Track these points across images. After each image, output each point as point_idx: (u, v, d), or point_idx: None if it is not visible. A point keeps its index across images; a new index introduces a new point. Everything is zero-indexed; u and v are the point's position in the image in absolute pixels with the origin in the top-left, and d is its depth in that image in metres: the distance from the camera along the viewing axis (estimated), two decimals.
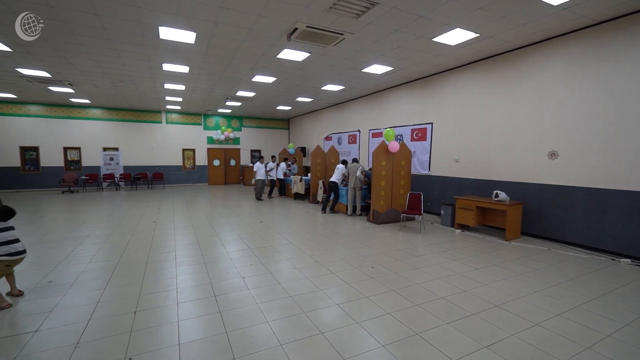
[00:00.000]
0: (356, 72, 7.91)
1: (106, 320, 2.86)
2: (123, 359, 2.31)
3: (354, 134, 11.51)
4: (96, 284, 3.66)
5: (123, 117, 14.04)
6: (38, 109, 12.71)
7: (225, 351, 2.42)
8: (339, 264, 4.39)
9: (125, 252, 4.87)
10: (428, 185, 8.24)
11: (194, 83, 9.26)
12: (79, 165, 13.54)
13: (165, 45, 6.06)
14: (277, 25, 5.14)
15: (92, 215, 7.74)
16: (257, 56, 6.73)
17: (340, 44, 5.91)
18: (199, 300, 3.28)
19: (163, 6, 4.53)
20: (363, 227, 6.70)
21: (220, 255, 4.77)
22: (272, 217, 7.66)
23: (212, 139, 15.80)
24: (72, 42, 5.92)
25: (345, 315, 2.97)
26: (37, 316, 2.91)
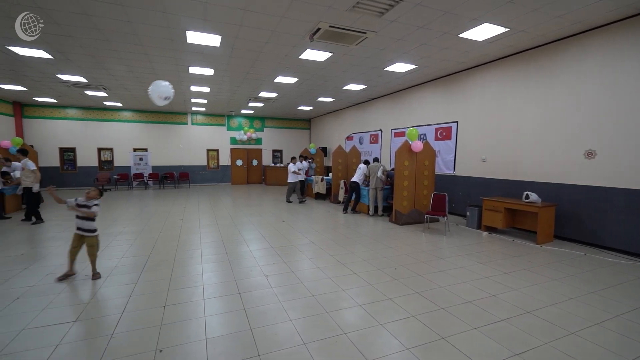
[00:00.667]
0: (378, 71, 7.82)
1: (138, 313, 2.99)
2: (154, 351, 2.41)
3: (375, 134, 11.39)
4: (128, 278, 3.83)
5: (151, 119, 14.66)
6: (75, 112, 13.52)
7: (250, 348, 2.46)
8: (361, 265, 4.36)
9: (155, 248, 5.08)
10: (453, 185, 8.01)
11: (219, 85, 9.50)
12: (112, 165, 14.26)
13: (192, 49, 6.27)
14: (299, 26, 5.18)
15: (123, 213, 8.13)
16: (279, 57, 6.81)
17: (363, 43, 5.86)
18: (224, 296, 3.36)
19: (190, 11, 4.68)
20: (385, 228, 6.61)
21: (244, 253, 4.86)
22: (293, 217, 7.72)
23: (235, 140, 16.16)
24: (107, 48, 6.24)
25: (368, 317, 2.94)
26: (75, 307, 3.10)
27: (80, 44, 6.02)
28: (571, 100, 5.47)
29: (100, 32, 5.43)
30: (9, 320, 2.84)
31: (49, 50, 6.41)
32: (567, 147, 5.54)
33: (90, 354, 2.36)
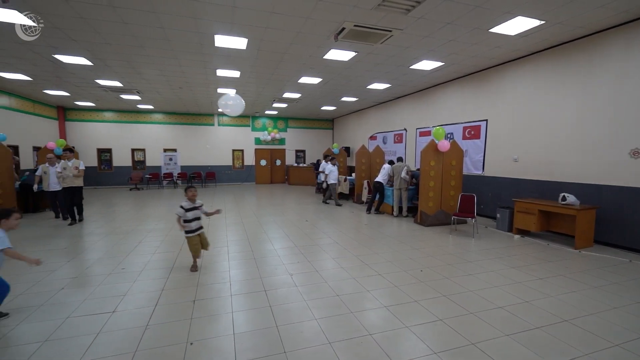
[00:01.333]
0: (403, 69, 7.69)
1: (170, 307, 3.12)
2: (185, 343, 2.50)
3: (400, 133, 11.20)
4: (160, 273, 4.01)
5: (180, 120, 15.25)
6: (111, 115, 14.33)
7: (276, 344, 2.50)
8: (385, 266, 4.30)
9: (184, 245, 5.26)
10: (481, 186, 7.71)
11: (244, 87, 9.72)
12: (144, 165, 14.98)
13: (219, 52, 6.45)
14: (324, 26, 5.19)
15: (154, 211, 8.52)
16: (304, 58, 6.86)
17: (388, 41, 5.78)
18: (250, 293, 3.43)
19: (219, 15, 4.82)
20: (410, 229, 6.49)
21: (268, 251, 4.95)
22: (317, 217, 7.75)
23: (259, 140, 16.46)
24: (141, 53, 6.57)
25: (394, 318, 2.90)
26: (114, 298, 3.28)
27: (117, 51, 6.38)
28: (614, 96, 5.11)
29: (135, 38, 5.72)
30: (56, 309, 3.06)
31: (90, 58, 6.83)
32: (609, 145, 5.18)
33: (127, 343, 2.50)
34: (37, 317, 2.90)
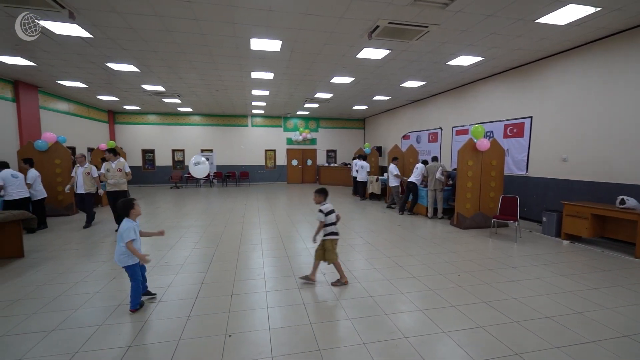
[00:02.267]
0: (440, 66, 7.42)
1: (209, 299, 3.27)
2: (224, 335, 2.61)
3: (434, 132, 10.83)
4: (200, 267, 4.21)
5: (216, 122, 15.91)
6: (154, 118, 15.29)
7: (311, 342, 2.52)
8: (420, 268, 4.18)
9: (221, 241, 5.50)
10: (525, 187, 7.24)
11: (277, 88, 9.92)
12: (183, 164, 15.81)
13: (254, 55, 6.65)
14: (358, 25, 5.16)
15: (193, 208, 8.96)
16: (336, 58, 6.87)
17: (424, 38, 5.62)
18: (284, 290, 3.50)
19: (256, 19, 4.96)
20: (446, 231, 6.25)
21: (301, 250, 5.01)
22: (348, 217, 7.72)
23: (291, 140, 16.72)
24: (182, 59, 6.94)
25: (430, 323, 2.81)
26: (159, 290, 3.50)
27: (161, 57, 6.79)
28: None
29: (178, 45, 6.06)
30: (107, 298, 3.32)
31: (137, 65, 7.34)
32: None
33: (172, 331, 2.65)
34: (92, 304, 3.17)
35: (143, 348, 2.44)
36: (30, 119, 9.30)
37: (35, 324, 2.79)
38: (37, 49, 6.30)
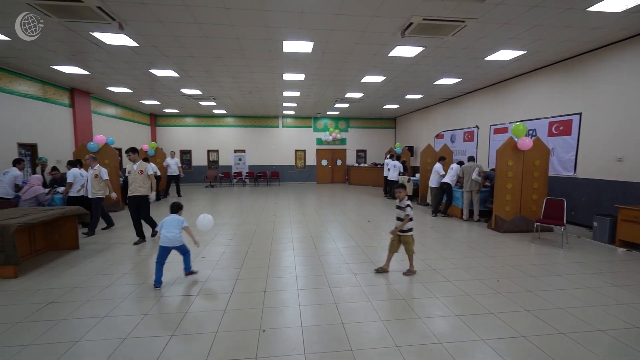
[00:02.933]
0: (477, 62, 7.10)
1: (244, 295, 3.38)
2: (258, 330, 2.68)
3: (470, 131, 10.38)
4: (234, 264, 4.37)
5: (249, 123, 16.39)
6: (191, 120, 16.06)
7: (343, 341, 2.52)
8: (455, 272, 4.03)
9: (253, 239, 5.66)
10: (572, 189, 6.72)
11: (308, 89, 10.02)
12: (217, 164, 16.47)
13: (286, 57, 6.77)
14: (391, 23, 5.08)
15: (227, 207, 9.30)
16: (368, 57, 6.80)
17: (460, 33, 5.40)
18: (315, 289, 3.53)
19: (288, 22, 5.05)
20: (482, 235, 5.97)
21: (331, 250, 5.02)
22: (379, 217, 7.62)
23: (320, 140, 16.81)
24: (218, 63, 7.24)
25: (467, 329, 2.70)
26: (197, 284, 3.68)
27: (199, 62, 7.13)
28: None
29: (214, 50, 6.32)
30: (151, 289, 3.54)
31: (177, 70, 7.77)
32: None
33: (210, 324, 2.77)
34: (138, 294, 3.40)
35: (184, 338, 2.57)
36: (84, 122, 10.16)
37: (89, 310, 3.05)
38: (90, 59, 6.87)
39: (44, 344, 2.49)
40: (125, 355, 2.34)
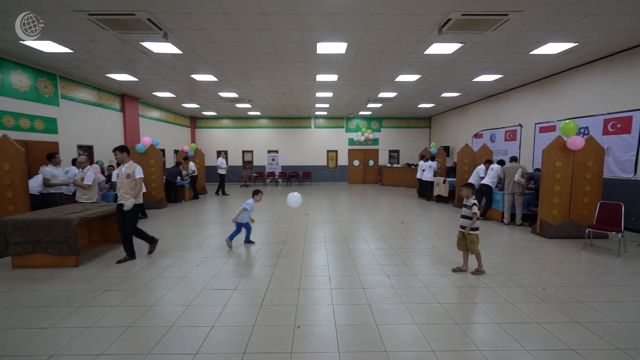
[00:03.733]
0: (520, 57, 6.70)
1: (278, 291, 3.48)
2: (293, 326, 2.75)
3: (512, 130, 9.80)
4: (269, 261, 4.50)
5: (282, 124, 16.75)
6: (227, 122, 16.75)
7: (377, 342, 2.52)
8: (496, 279, 3.84)
9: (287, 238, 5.79)
10: (632, 193, 6.11)
11: (340, 89, 10.04)
12: (252, 164, 17.01)
13: (320, 58, 6.84)
14: (427, 20, 4.96)
15: (261, 205, 9.58)
16: (402, 55, 6.68)
17: (502, 27, 5.14)
18: (349, 289, 3.54)
19: (322, 24, 5.11)
20: (526, 240, 5.62)
21: (364, 250, 5.00)
22: (413, 219, 7.45)
23: (352, 141, 16.76)
24: (254, 67, 7.49)
25: (509, 338, 2.57)
26: (234, 278, 3.85)
27: (236, 66, 7.43)
28: None
29: (251, 54, 6.56)
30: (193, 282, 3.76)
31: (216, 74, 8.15)
32: None
33: (247, 317, 2.90)
34: (182, 286, 3.63)
35: (224, 329, 2.71)
36: (132, 125, 10.98)
37: (140, 299, 3.31)
38: (139, 67, 7.42)
39: (103, 327, 2.75)
40: (171, 341, 2.51)
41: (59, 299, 3.29)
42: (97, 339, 2.57)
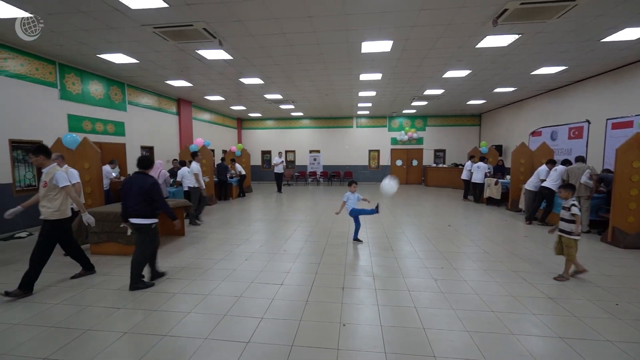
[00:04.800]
0: (590, 45, 6.03)
1: (323, 289, 3.54)
2: (339, 324, 2.79)
3: (578, 126, 8.86)
4: (313, 259, 4.59)
5: (324, 124, 16.90)
6: (271, 123, 17.32)
7: (425, 346, 2.46)
8: (558, 289, 3.53)
9: (330, 236, 5.85)
10: None
11: (384, 88, 9.87)
12: (294, 164, 17.40)
13: (364, 57, 6.80)
14: (480, 12, 4.70)
15: (304, 204, 9.78)
16: (451, 50, 6.39)
17: (568, 14, 4.68)
18: (394, 291, 3.49)
19: (368, 23, 5.08)
20: (595, 249, 5.06)
21: (409, 252, 4.88)
22: (461, 222, 7.09)
23: (395, 140, 16.37)
24: (299, 69, 7.67)
25: (574, 354, 2.35)
26: (280, 274, 3.99)
27: (282, 69, 7.67)
28: None
29: (296, 57, 6.73)
30: (242, 275, 3.97)
31: (262, 77, 8.49)
32: None
33: (293, 312, 2.99)
34: (232, 278, 3.85)
35: (273, 321, 2.83)
36: (187, 127, 11.86)
37: (196, 288, 3.58)
38: (194, 73, 7.99)
39: (167, 311, 3.03)
40: (224, 329, 2.69)
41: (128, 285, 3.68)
42: (162, 320, 2.84)
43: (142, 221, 3.53)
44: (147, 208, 3.53)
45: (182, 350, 2.41)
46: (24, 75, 6.15)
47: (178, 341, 2.54)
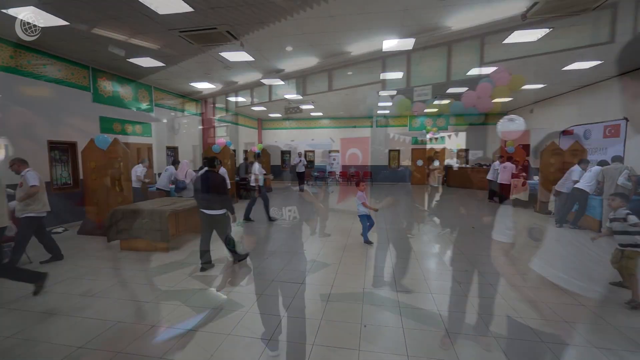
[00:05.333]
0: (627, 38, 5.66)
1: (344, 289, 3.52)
2: (359, 324, 2.77)
3: (614, 125, 8.34)
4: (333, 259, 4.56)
5: (342, 124, 16.85)
6: (290, 123, 17.46)
7: (451, 355, 2.39)
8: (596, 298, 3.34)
9: (350, 236, 5.82)
10: None
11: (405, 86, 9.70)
12: (313, 164, 17.46)
13: (386, 56, 6.71)
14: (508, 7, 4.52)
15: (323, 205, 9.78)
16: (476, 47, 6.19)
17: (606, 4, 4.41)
18: (415, 294, 3.42)
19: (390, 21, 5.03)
20: None
21: (431, 254, 4.78)
22: (485, 225, 6.86)
23: (416, 140, 16.06)
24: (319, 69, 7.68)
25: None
26: (300, 274, 4.01)
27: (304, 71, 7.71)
28: None
29: (317, 57, 6.74)
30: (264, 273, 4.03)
31: (283, 79, 8.56)
32: None
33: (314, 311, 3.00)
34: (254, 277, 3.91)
35: (293, 320, 2.87)
36: (209, 128, 12.16)
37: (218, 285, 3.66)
38: (216, 75, 8.18)
39: (191, 306, 3.12)
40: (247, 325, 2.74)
41: (156, 279, 3.82)
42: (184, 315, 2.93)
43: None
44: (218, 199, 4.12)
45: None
46: (61, 79, 6.53)
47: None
